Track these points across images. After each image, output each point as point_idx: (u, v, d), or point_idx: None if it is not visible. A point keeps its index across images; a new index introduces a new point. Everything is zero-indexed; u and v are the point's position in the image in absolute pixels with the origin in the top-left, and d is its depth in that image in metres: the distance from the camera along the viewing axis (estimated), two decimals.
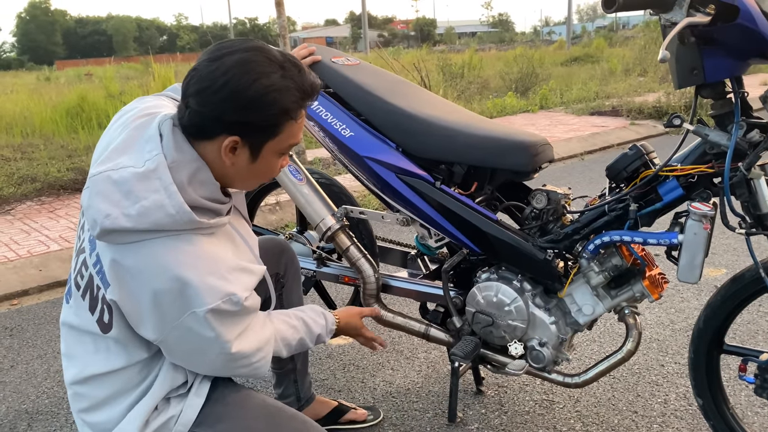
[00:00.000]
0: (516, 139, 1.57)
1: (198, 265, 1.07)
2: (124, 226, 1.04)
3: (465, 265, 1.70)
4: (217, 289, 1.08)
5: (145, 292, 1.08)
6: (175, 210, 1.06)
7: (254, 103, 1.06)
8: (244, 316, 1.15)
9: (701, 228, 1.35)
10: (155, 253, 1.06)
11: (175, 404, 1.20)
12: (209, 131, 1.10)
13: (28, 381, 2.19)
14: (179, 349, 1.15)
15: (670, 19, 1.25)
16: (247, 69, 1.06)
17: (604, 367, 1.57)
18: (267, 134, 1.11)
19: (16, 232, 3.82)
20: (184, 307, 1.08)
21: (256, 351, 1.19)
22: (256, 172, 1.17)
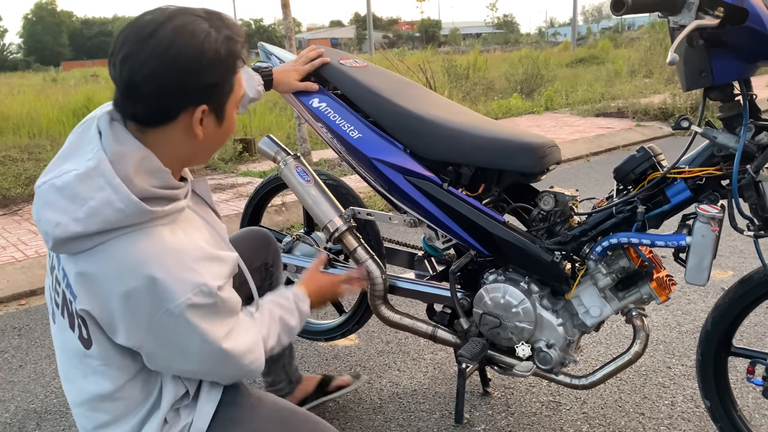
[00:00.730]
0: (524, 140, 1.57)
1: (162, 260, 1.02)
2: (75, 232, 1.00)
3: (472, 267, 1.70)
4: (187, 282, 1.02)
5: (113, 297, 1.03)
6: (124, 204, 1.00)
7: (213, 61, 1.03)
8: (223, 309, 1.09)
9: (709, 230, 1.35)
10: (115, 254, 1.01)
11: (186, 414, 1.18)
12: (172, 110, 1.04)
13: (36, 380, 2.20)
14: (161, 353, 1.09)
15: (679, 21, 1.25)
16: (189, 33, 1.02)
17: (612, 368, 1.57)
18: (227, 91, 1.08)
19: (24, 232, 3.85)
20: (156, 306, 1.02)
21: (247, 351, 1.16)
22: (222, 136, 1.13)
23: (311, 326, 2.21)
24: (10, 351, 2.45)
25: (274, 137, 1.84)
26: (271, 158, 1.82)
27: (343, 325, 2.12)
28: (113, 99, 1.06)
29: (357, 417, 1.88)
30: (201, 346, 1.08)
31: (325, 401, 1.85)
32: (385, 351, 2.28)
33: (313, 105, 1.76)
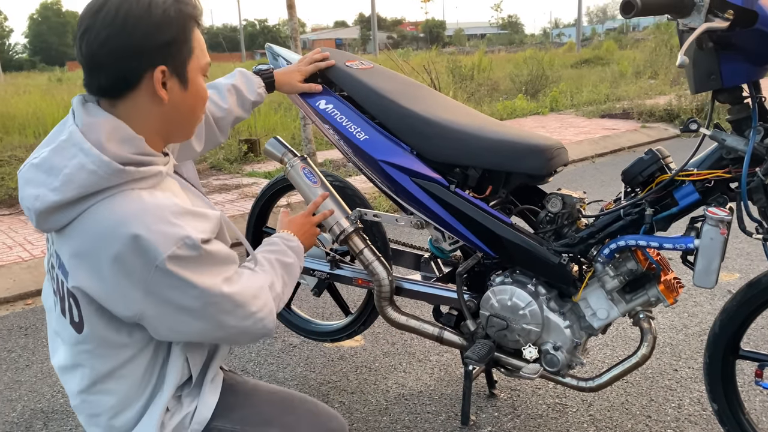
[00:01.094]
0: (531, 142, 1.57)
1: (142, 217, 1.02)
2: (54, 201, 1.02)
3: (479, 269, 1.70)
4: (169, 236, 1.02)
5: (105, 266, 1.04)
6: (96, 165, 1.02)
7: (164, 20, 1.05)
8: (213, 260, 1.09)
9: (718, 233, 1.34)
10: (97, 219, 1.03)
11: (188, 403, 1.19)
12: (132, 75, 1.06)
13: (43, 380, 2.21)
14: (163, 318, 1.09)
15: (688, 24, 1.24)
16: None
17: (619, 371, 1.57)
18: (185, 51, 1.10)
19: (30, 231, 3.86)
20: (145, 266, 1.03)
21: (252, 297, 1.15)
22: (190, 102, 1.14)
23: (317, 327, 2.21)
24: (16, 350, 2.46)
25: (281, 138, 1.84)
26: (278, 159, 1.83)
27: (349, 326, 2.12)
28: (83, 81, 1.09)
29: (363, 418, 1.88)
30: (200, 299, 1.08)
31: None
32: (390, 352, 2.28)
33: (320, 107, 1.77)
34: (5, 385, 2.18)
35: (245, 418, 1.21)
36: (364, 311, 2.08)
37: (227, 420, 1.20)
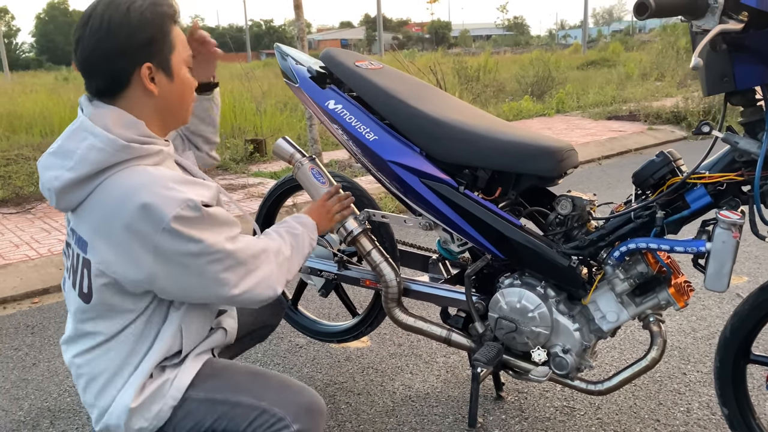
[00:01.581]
0: (541, 144, 1.57)
1: (149, 186, 1.15)
2: (70, 179, 1.16)
3: (488, 271, 1.69)
4: (173, 199, 1.15)
5: (117, 234, 1.16)
6: (103, 143, 1.16)
7: (142, 22, 1.18)
8: (216, 221, 1.21)
9: (730, 236, 1.33)
10: (109, 193, 1.17)
11: (170, 371, 1.29)
12: (122, 75, 1.20)
13: (50, 379, 2.21)
14: (174, 278, 1.20)
15: (702, 26, 1.23)
16: (115, 6, 1.19)
17: (628, 374, 1.56)
18: (167, 47, 1.22)
19: (37, 230, 3.87)
20: (154, 228, 1.14)
21: (253, 257, 1.26)
22: (182, 92, 1.28)
23: (324, 328, 2.21)
24: (23, 349, 2.46)
25: (289, 139, 1.84)
26: (286, 160, 1.82)
27: (356, 327, 2.11)
28: (84, 86, 1.24)
29: (370, 420, 1.87)
30: (204, 253, 1.19)
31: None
32: (397, 353, 2.27)
33: (329, 107, 1.76)
34: (12, 384, 2.18)
35: (216, 388, 1.31)
36: (371, 312, 2.08)
37: (200, 389, 1.30)
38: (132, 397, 1.26)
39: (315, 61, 1.90)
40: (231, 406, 1.31)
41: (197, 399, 1.30)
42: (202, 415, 1.31)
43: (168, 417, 1.29)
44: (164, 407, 1.28)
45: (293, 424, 1.28)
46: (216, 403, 1.31)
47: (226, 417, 1.30)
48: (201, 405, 1.31)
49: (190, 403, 1.30)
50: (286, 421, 1.28)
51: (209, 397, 1.31)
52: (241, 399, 1.31)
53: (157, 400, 1.28)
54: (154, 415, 1.28)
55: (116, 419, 1.28)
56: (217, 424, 1.31)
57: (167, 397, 1.28)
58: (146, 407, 1.28)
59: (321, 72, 1.83)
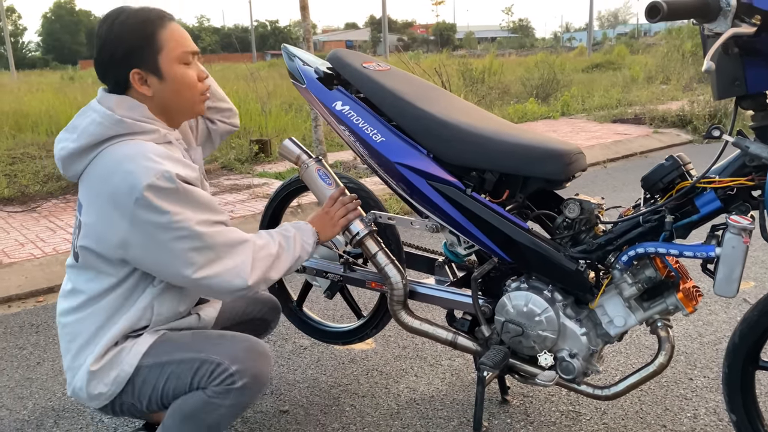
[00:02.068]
0: (550, 147, 1.56)
1: (133, 156, 1.29)
2: (72, 148, 1.34)
3: (494, 274, 1.69)
4: (150, 168, 1.26)
5: (104, 200, 1.30)
6: (102, 117, 1.33)
7: (120, 33, 1.33)
8: (190, 198, 1.29)
9: (740, 241, 1.32)
10: (104, 161, 1.32)
11: (131, 341, 1.42)
12: (121, 79, 1.36)
13: (54, 378, 2.21)
14: (143, 250, 1.31)
15: (714, 29, 1.23)
16: (104, 18, 1.36)
17: (636, 379, 1.55)
18: (151, 50, 1.35)
19: (42, 229, 3.87)
20: (130, 195, 1.25)
21: (225, 246, 1.33)
22: (176, 89, 1.39)
23: (329, 329, 2.20)
24: (28, 348, 2.46)
25: (296, 140, 1.83)
26: (292, 161, 1.82)
27: (361, 328, 2.11)
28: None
29: (374, 422, 1.86)
30: (172, 229, 1.27)
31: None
32: (401, 356, 2.26)
33: (336, 108, 1.76)
34: (16, 383, 2.18)
35: (162, 351, 1.41)
36: (376, 314, 2.07)
37: (150, 356, 1.41)
38: (93, 360, 1.38)
39: (322, 62, 1.89)
40: (176, 364, 1.40)
41: (148, 365, 1.41)
42: (155, 379, 1.41)
43: (125, 384, 1.40)
44: (121, 374, 1.39)
45: (231, 366, 1.37)
46: (163, 365, 1.41)
47: (174, 375, 1.40)
48: (152, 370, 1.41)
49: (143, 370, 1.41)
50: (224, 365, 1.38)
51: (157, 361, 1.41)
52: (184, 355, 1.41)
53: (115, 367, 1.39)
54: (111, 381, 1.39)
55: (80, 381, 1.41)
56: (169, 384, 1.41)
57: (124, 364, 1.39)
58: (105, 372, 1.39)
59: (328, 73, 1.83)
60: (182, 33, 1.39)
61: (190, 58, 1.40)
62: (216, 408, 1.39)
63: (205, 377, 1.38)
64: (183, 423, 1.41)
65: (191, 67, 1.41)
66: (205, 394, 1.39)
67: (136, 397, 1.43)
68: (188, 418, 1.40)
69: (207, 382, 1.38)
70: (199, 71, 1.43)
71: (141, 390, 1.42)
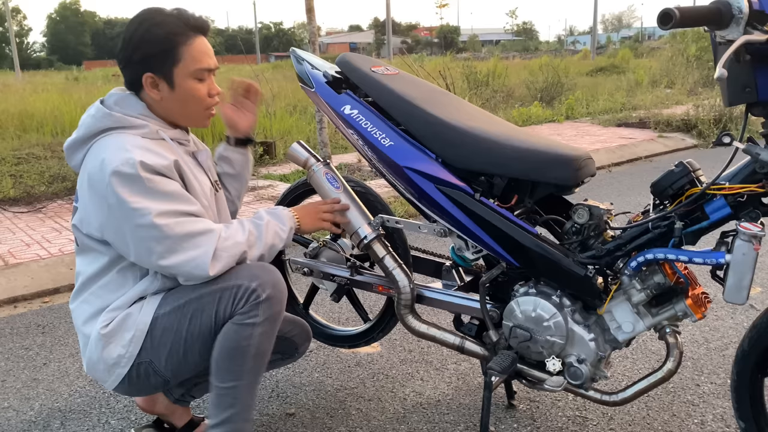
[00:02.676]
0: (559, 152, 1.56)
1: (111, 146, 1.37)
2: (72, 139, 1.44)
3: (502, 279, 1.68)
4: (118, 157, 1.34)
5: (85, 185, 1.38)
6: (95, 111, 1.44)
7: (144, 37, 1.41)
8: (153, 188, 1.34)
9: (751, 248, 1.32)
10: (92, 152, 1.40)
11: (139, 303, 1.45)
12: (134, 78, 1.44)
13: (60, 379, 2.21)
14: (116, 235, 1.37)
15: (726, 36, 1.22)
16: (135, 20, 1.43)
17: (644, 386, 1.55)
18: (169, 61, 1.42)
19: (48, 230, 3.88)
20: (101, 181, 1.33)
21: (185, 236, 1.36)
22: (184, 100, 1.46)
23: (335, 332, 2.20)
24: (34, 348, 2.47)
25: (303, 143, 1.84)
26: (300, 164, 1.82)
27: (367, 332, 2.11)
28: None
29: (381, 426, 1.86)
30: (132, 220, 1.33)
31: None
32: (407, 360, 2.26)
33: (344, 112, 1.76)
34: (23, 384, 2.19)
35: (177, 297, 1.44)
36: (383, 318, 2.07)
37: (164, 306, 1.43)
38: (102, 324, 1.43)
39: (330, 66, 1.90)
40: (196, 301, 1.42)
41: (165, 313, 1.43)
42: (177, 322, 1.42)
43: (142, 341, 1.42)
44: (137, 332, 1.42)
45: (251, 283, 1.40)
46: (182, 307, 1.42)
47: (197, 312, 1.42)
48: (170, 316, 1.42)
49: (161, 320, 1.43)
50: (245, 284, 1.40)
51: (175, 305, 1.43)
52: (201, 291, 1.42)
53: (129, 328, 1.42)
54: (128, 341, 1.42)
55: (94, 351, 1.44)
56: (193, 323, 1.42)
57: (138, 322, 1.42)
58: (119, 334, 1.42)
59: (336, 77, 1.83)
60: (204, 49, 1.45)
61: (205, 75, 1.47)
62: (252, 329, 1.40)
63: (229, 303, 1.40)
64: (231, 360, 1.41)
65: (204, 82, 1.47)
66: (235, 322, 1.40)
67: (157, 351, 1.43)
68: (232, 353, 1.41)
69: (233, 307, 1.40)
70: (211, 87, 1.49)
71: (161, 341, 1.42)
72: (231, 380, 1.42)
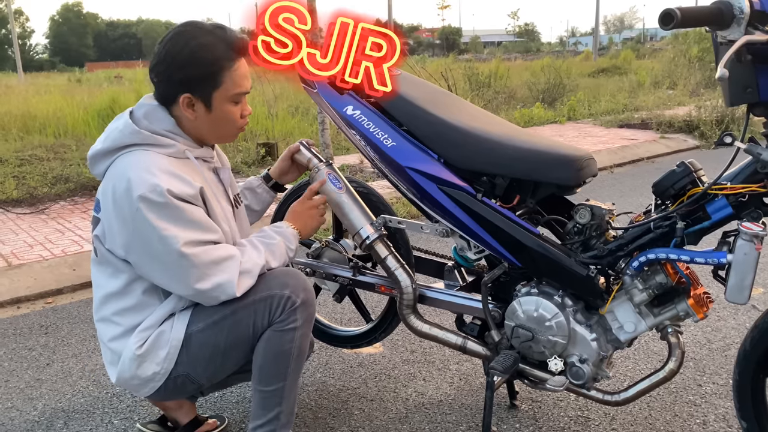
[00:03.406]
0: (561, 152, 1.56)
1: (137, 166, 1.36)
2: (96, 150, 1.44)
3: (504, 279, 1.69)
4: (145, 180, 1.33)
5: (109, 203, 1.38)
6: (123, 126, 1.42)
7: (189, 60, 1.38)
8: (180, 215, 1.35)
9: (752, 248, 1.32)
10: (117, 166, 1.40)
11: (167, 323, 1.47)
12: (170, 95, 1.43)
13: (63, 379, 2.22)
14: (139, 257, 1.38)
15: (727, 36, 1.23)
16: (179, 37, 1.41)
17: (646, 385, 1.55)
18: (210, 85, 1.41)
19: (51, 231, 3.89)
20: (129, 204, 1.33)
21: (210, 264, 1.38)
22: (218, 121, 1.46)
23: (337, 332, 2.21)
24: (37, 349, 2.48)
25: (306, 143, 1.84)
26: (303, 164, 1.83)
27: (369, 332, 2.11)
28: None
29: (383, 426, 1.87)
30: (160, 246, 1.34)
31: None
32: (410, 360, 2.27)
33: (347, 112, 1.76)
34: (26, 384, 2.19)
35: (210, 313, 1.45)
36: (385, 318, 2.07)
37: (197, 322, 1.45)
38: (136, 345, 1.43)
39: None
40: (231, 316, 1.44)
41: (199, 330, 1.45)
42: (214, 338, 1.45)
43: (176, 357, 1.44)
44: (171, 350, 1.44)
45: (284, 291, 1.44)
46: (217, 323, 1.44)
47: (234, 326, 1.44)
48: (205, 332, 1.45)
49: (196, 336, 1.45)
50: (278, 294, 1.43)
51: (208, 322, 1.45)
52: (234, 306, 1.44)
53: (163, 345, 1.44)
54: (162, 359, 1.44)
55: (127, 370, 1.46)
56: (230, 337, 1.45)
57: (171, 339, 1.44)
58: (153, 352, 1.44)
59: None
60: (244, 73, 1.46)
61: (241, 98, 1.48)
62: (292, 332, 1.45)
63: (266, 314, 1.44)
64: (276, 365, 1.47)
65: (239, 105, 1.49)
66: (275, 330, 1.45)
67: (194, 365, 1.47)
68: (277, 358, 1.46)
69: (270, 317, 1.44)
70: (244, 108, 1.51)
71: (198, 356, 1.46)
72: (277, 383, 1.48)
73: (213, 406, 1.99)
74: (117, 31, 69.53)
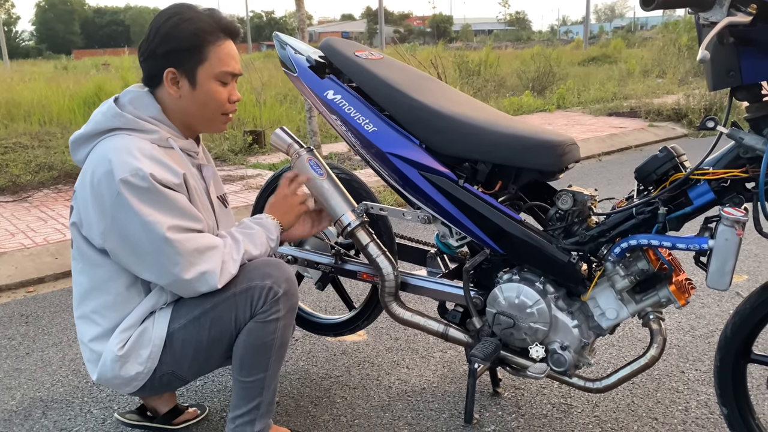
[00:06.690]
0: (543, 138, 1.54)
1: (118, 149, 1.32)
2: (78, 134, 1.41)
3: (486, 265, 1.67)
4: (128, 164, 1.29)
5: (88, 188, 1.33)
6: (105, 108, 1.40)
7: (170, 32, 1.37)
8: (163, 200, 1.31)
9: (733, 234, 1.31)
10: (97, 150, 1.37)
11: (149, 320, 1.44)
12: (154, 72, 1.40)
13: (43, 369, 2.19)
14: (118, 245, 1.34)
15: (709, 18, 1.21)
16: (162, 13, 1.40)
17: (627, 372, 1.54)
18: (194, 59, 1.38)
19: (33, 219, 3.84)
20: (109, 187, 1.29)
21: (195, 252, 1.34)
22: (203, 100, 1.42)
23: (320, 320, 2.19)
24: (17, 338, 2.44)
25: (287, 129, 1.81)
26: (283, 150, 1.80)
27: (352, 320, 2.09)
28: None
29: (365, 414, 1.85)
30: (141, 233, 1.30)
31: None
32: (393, 348, 2.25)
33: (327, 97, 1.74)
34: (5, 373, 2.16)
35: (190, 309, 1.42)
36: (368, 306, 2.06)
37: (179, 319, 1.42)
38: (117, 345, 1.41)
39: (314, 51, 1.87)
40: (212, 310, 1.41)
41: (180, 327, 1.42)
42: (196, 333, 1.42)
43: (159, 356, 1.42)
44: (153, 349, 1.41)
45: (265, 282, 1.41)
46: (198, 318, 1.42)
47: (216, 320, 1.42)
48: (187, 329, 1.42)
49: (178, 333, 1.42)
50: (259, 285, 1.40)
51: (189, 318, 1.42)
52: (215, 300, 1.41)
53: (145, 345, 1.41)
54: (145, 359, 1.42)
55: (109, 370, 1.42)
56: (213, 331, 1.42)
57: (153, 338, 1.41)
58: (135, 352, 1.41)
59: (320, 62, 1.80)
60: (232, 54, 1.43)
61: (229, 79, 1.44)
62: (275, 323, 1.43)
63: (248, 306, 1.41)
64: (258, 356, 1.44)
65: (226, 87, 1.45)
66: (258, 321, 1.42)
67: (178, 362, 1.45)
68: (259, 349, 1.44)
69: (252, 309, 1.41)
70: (232, 93, 1.47)
71: (182, 352, 1.43)
72: (258, 373, 1.46)
73: (194, 395, 1.97)
74: (104, 18, 68.64)
